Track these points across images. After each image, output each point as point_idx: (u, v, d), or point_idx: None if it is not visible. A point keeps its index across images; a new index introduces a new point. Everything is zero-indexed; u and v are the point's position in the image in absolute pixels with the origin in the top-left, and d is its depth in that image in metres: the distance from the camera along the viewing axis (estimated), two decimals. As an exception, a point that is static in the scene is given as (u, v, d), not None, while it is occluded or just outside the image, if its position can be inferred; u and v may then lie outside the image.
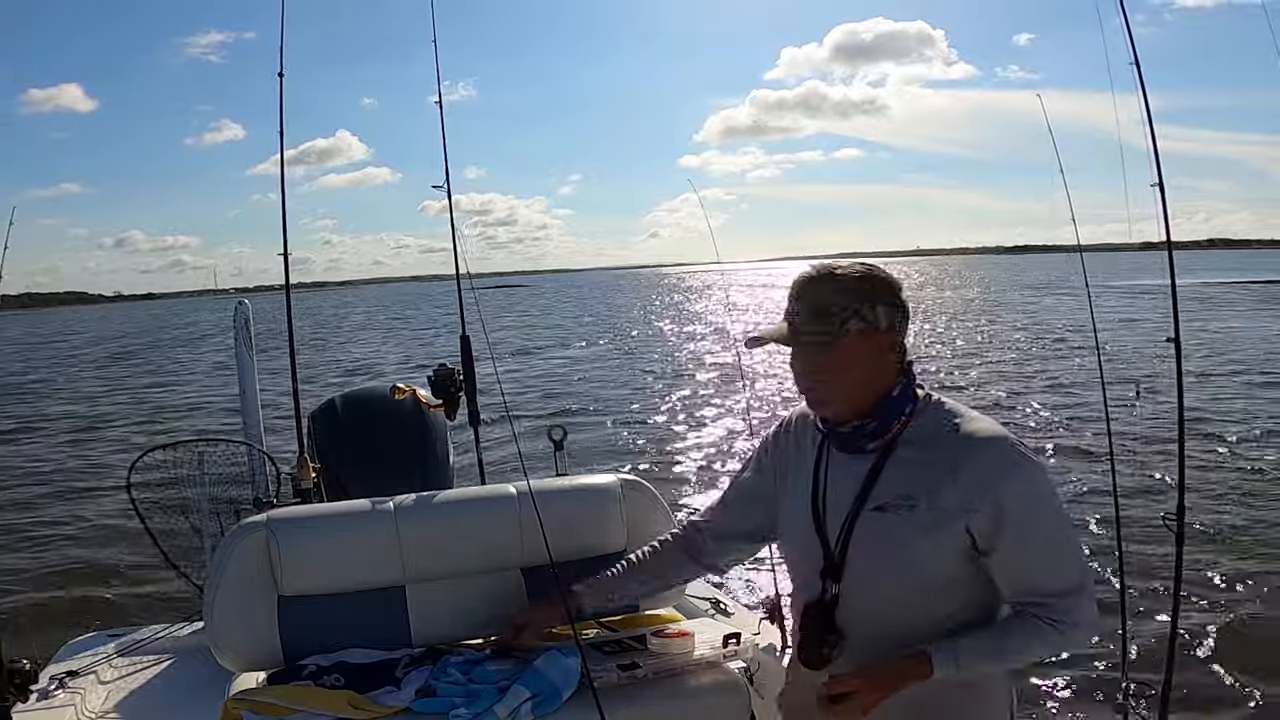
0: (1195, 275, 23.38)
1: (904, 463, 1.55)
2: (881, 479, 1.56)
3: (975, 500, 1.48)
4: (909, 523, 1.51)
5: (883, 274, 1.59)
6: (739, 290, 59.89)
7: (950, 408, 1.59)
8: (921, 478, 1.52)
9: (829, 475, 1.64)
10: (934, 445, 1.54)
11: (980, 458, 1.50)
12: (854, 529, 1.57)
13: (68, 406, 17.24)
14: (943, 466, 1.51)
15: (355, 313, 57.93)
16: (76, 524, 8.26)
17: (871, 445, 1.58)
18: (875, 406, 1.57)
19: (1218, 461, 8.58)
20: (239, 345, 3.74)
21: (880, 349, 1.56)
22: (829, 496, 1.63)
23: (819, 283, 1.57)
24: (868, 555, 1.56)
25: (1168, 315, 2.66)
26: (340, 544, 2.21)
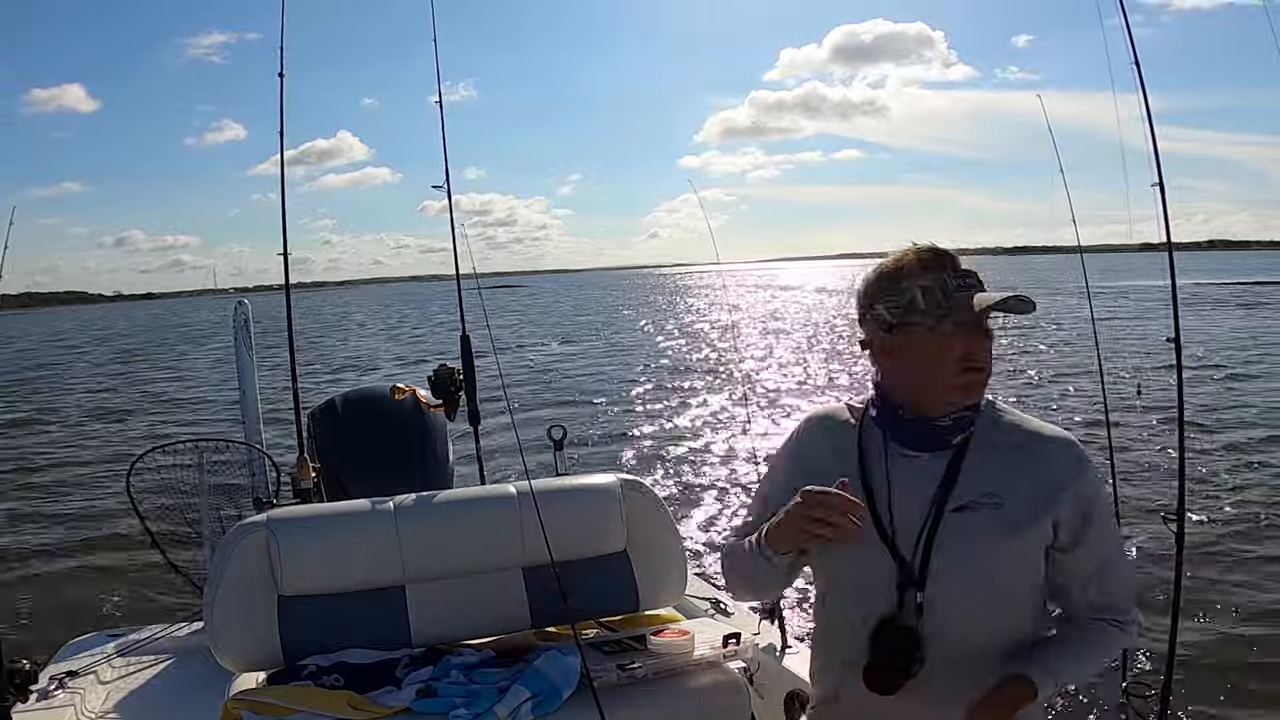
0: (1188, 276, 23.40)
1: (983, 460, 1.46)
2: (964, 476, 1.45)
3: (1059, 495, 1.43)
4: (996, 521, 1.42)
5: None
6: (738, 291, 59.89)
7: (1007, 407, 1.54)
8: (1001, 474, 1.44)
9: (892, 475, 1.49)
10: (1005, 442, 1.47)
11: (1058, 454, 1.46)
12: (936, 531, 1.44)
13: (67, 406, 17.23)
14: (1020, 462, 1.45)
15: (354, 313, 57.87)
16: (76, 524, 8.25)
17: (957, 439, 1.47)
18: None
19: (1218, 461, 8.57)
20: (239, 345, 3.74)
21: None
22: (896, 497, 1.48)
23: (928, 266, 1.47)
24: (954, 559, 1.43)
25: (1158, 315, 2.66)
26: (340, 544, 2.21)
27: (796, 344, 23.12)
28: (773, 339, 24.90)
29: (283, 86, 3.67)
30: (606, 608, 2.36)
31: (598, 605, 2.34)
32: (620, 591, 2.37)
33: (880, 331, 1.47)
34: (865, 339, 1.51)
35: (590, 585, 2.32)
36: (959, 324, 1.41)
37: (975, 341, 1.43)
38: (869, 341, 1.51)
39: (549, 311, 48.83)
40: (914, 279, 1.43)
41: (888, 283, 1.46)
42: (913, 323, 1.42)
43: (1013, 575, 1.45)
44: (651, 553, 2.41)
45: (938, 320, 1.41)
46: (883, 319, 1.45)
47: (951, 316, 1.41)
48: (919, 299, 1.41)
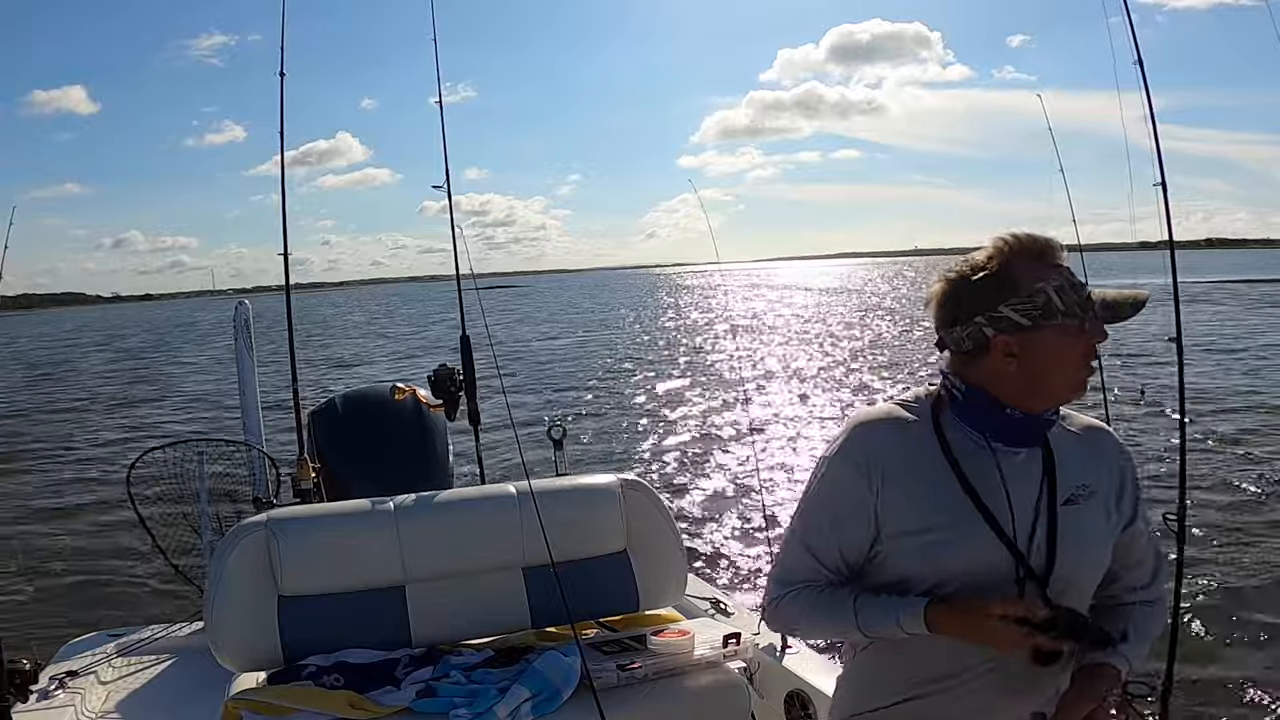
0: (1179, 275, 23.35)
1: (1067, 451, 1.49)
2: (1061, 470, 1.47)
3: (1124, 478, 1.51)
4: (1098, 510, 1.48)
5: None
6: (739, 292, 59.89)
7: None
8: (1084, 465, 1.49)
9: (1004, 471, 1.44)
10: (1069, 434, 1.51)
11: (1107, 441, 1.53)
12: (1056, 526, 1.44)
13: (66, 406, 17.23)
14: (1089, 451, 1.50)
15: (350, 313, 57.86)
16: (76, 524, 8.25)
17: (1044, 434, 1.47)
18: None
19: (1218, 461, 8.57)
20: (239, 345, 3.74)
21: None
22: (1011, 493, 1.43)
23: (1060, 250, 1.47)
24: (1075, 551, 1.44)
25: (1158, 314, 2.66)
26: (340, 544, 2.21)
27: (797, 344, 23.12)
28: (773, 339, 24.91)
29: (283, 86, 3.68)
30: (606, 608, 2.36)
31: (598, 605, 2.34)
32: (620, 591, 2.37)
33: (1003, 333, 1.38)
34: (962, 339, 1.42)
35: (590, 585, 2.31)
36: (1094, 322, 1.39)
37: (1099, 339, 1.41)
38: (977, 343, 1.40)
39: (548, 311, 48.83)
40: (1044, 278, 1.37)
41: (1010, 283, 1.38)
42: (1051, 323, 1.37)
43: (1107, 559, 1.51)
44: (651, 553, 2.41)
45: (1080, 320, 1.38)
46: (1011, 320, 1.37)
47: (1089, 315, 1.39)
48: (1056, 299, 1.37)
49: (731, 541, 6.96)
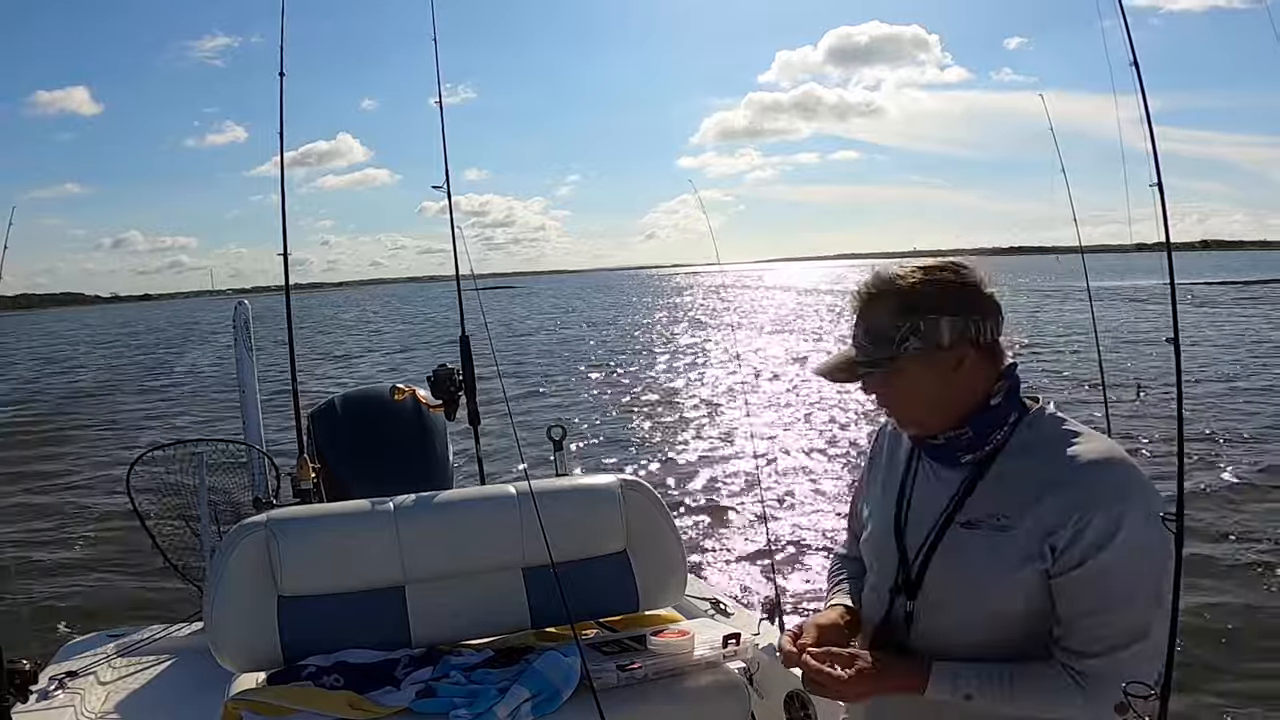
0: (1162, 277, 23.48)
1: (1003, 477, 1.41)
2: (976, 493, 1.42)
3: (1066, 519, 1.32)
4: (999, 542, 1.37)
5: (951, 276, 1.41)
6: (739, 292, 59.92)
7: (1064, 422, 1.43)
8: (1020, 495, 1.37)
9: (916, 484, 1.51)
10: (1040, 461, 1.38)
11: (1088, 478, 1.33)
12: (938, 544, 1.43)
13: (65, 406, 17.23)
14: (1045, 484, 1.35)
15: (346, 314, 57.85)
16: (76, 524, 8.25)
17: (967, 458, 1.43)
18: (968, 418, 1.42)
19: (1218, 461, 8.58)
20: (239, 345, 3.74)
21: (947, 367, 1.40)
22: (913, 508, 1.50)
23: (878, 298, 1.42)
24: (948, 573, 1.42)
25: (1156, 314, 2.66)
26: (340, 544, 2.21)
27: (796, 344, 23.13)
28: (773, 339, 24.91)
29: (282, 86, 3.67)
30: (606, 608, 2.36)
31: (597, 605, 2.34)
32: (620, 592, 2.37)
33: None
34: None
35: (590, 585, 2.32)
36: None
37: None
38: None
39: (546, 311, 48.83)
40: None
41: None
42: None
43: (1007, 596, 1.38)
44: (651, 553, 2.41)
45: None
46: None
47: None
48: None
49: (731, 541, 6.96)
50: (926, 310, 1.39)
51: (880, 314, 1.41)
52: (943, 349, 1.39)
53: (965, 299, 1.40)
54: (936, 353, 1.39)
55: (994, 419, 1.42)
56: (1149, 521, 1.32)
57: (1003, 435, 1.42)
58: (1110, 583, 1.32)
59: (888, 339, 1.40)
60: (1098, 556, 1.31)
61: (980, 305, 1.41)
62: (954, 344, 1.39)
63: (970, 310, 1.40)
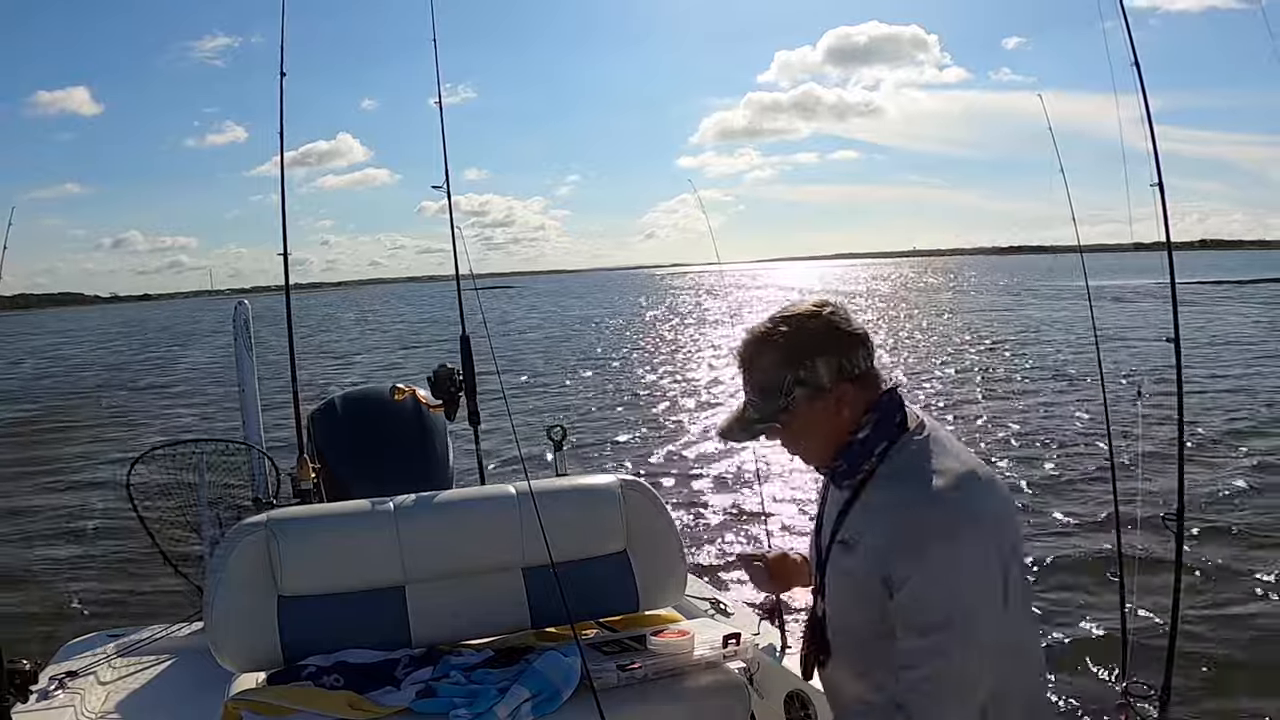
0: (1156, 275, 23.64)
1: (866, 504, 1.53)
2: (849, 514, 1.55)
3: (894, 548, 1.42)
4: (850, 560, 1.52)
5: (813, 320, 1.51)
6: (739, 292, 59.93)
7: (921, 449, 1.50)
8: (868, 519, 1.50)
9: (827, 500, 1.66)
10: (889, 490, 1.49)
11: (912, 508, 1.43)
12: (829, 555, 1.59)
13: (65, 406, 17.22)
14: (884, 511, 1.47)
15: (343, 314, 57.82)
16: (76, 524, 8.25)
17: (846, 483, 1.56)
18: (841, 453, 1.54)
19: (1219, 461, 8.58)
20: (238, 345, 3.74)
21: (831, 406, 1.51)
22: (824, 519, 1.66)
23: (758, 354, 1.54)
24: (833, 583, 1.59)
25: (1155, 313, 2.66)
26: (340, 544, 2.21)
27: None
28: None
29: (282, 85, 3.67)
30: (606, 608, 2.36)
31: (598, 605, 2.34)
32: (620, 592, 2.37)
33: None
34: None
35: (590, 585, 2.32)
36: None
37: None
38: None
39: (545, 311, 48.80)
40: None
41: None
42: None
43: (862, 614, 1.50)
44: (651, 553, 2.41)
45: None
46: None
47: None
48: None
49: (731, 541, 6.96)
50: (800, 356, 1.49)
51: (764, 368, 1.52)
52: (825, 390, 1.50)
53: (832, 339, 1.51)
54: (820, 395, 1.50)
55: (861, 451, 1.52)
56: (933, 559, 1.38)
57: (871, 465, 1.52)
58: (912, 610, 1.40)
59: (776, 391, 1.51)
60: (905, 586, 1.40)
61: (846, 341, 1.52)
62: (834, 383, 1.50)
63: (839, 348, 1.51)
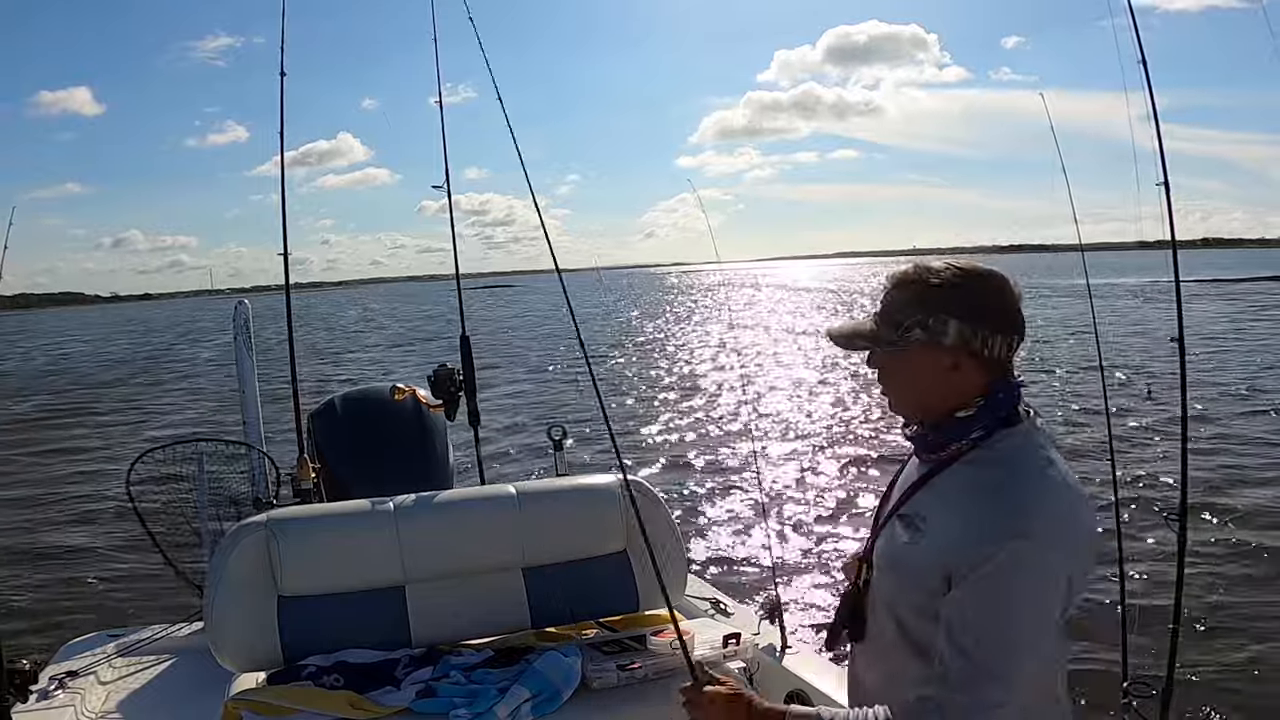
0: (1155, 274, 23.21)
1: (942, 486, 1.45)
2: (921, 491, 1.48)
3: (964, 544, 1.34)
4: (911, 540, 1.44)
5: (978, 283, 1.44)
6: (740, 292, 59.96)
7: (1022, 448, 1.42)
8: (944, 504, 1.42)
9: (905, 469, 1.59)
10: (977, 480, 1.40)
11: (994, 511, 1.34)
12: (885, 525, 1.54)
13: (65, 407, 17.23)
14: (967, 502, 1.38)
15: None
16: (77, 524, 8.25)
17: (928, 456, 1.49)
18: (941, 421, 1.45)
19: (1220, 461, 8.58)
20: (238, 345, 3.74)
21: (942, 366, 1.43)
22: (895, 487, 1.59)
23: (903, 285, 1.47)
24: (881, 556, 1.53)
25: (1157, 313, 2.65)
26: (340, 544, 2.20)
27: (796, 344, 23.13)
28: (773, 339, 24.91)
29: (283, 85, 3.66)
30: (606, 608, 2.36)
31: (598, 605, 2.34)
32: (620, 591, 2.37)
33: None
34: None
35: (590, 585, 2.31)
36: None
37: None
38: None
39: (545, 311, 48.81)
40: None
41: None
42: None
43: (909, 596, 1.43)
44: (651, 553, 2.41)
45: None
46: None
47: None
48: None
49: (731, 541, 6.96)
50: (940, 309, 1.42)
51: (899, 300, 1.47)
52: (942, 347, 1.43)
53: (984, 309, 1.42)
54: (935, 350, 1.43)
55: (956, 431, 1.44)
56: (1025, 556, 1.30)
57: (960, 447, 1.45)
58: (969, 619, 1.32)
59: (895, 323, 1.46)
60: (966, 585, 1.32)
61: (997, 320, 1.42)
62: (954, 347, 1.42)
63: (984, 321, 1.42)
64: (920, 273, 1.46)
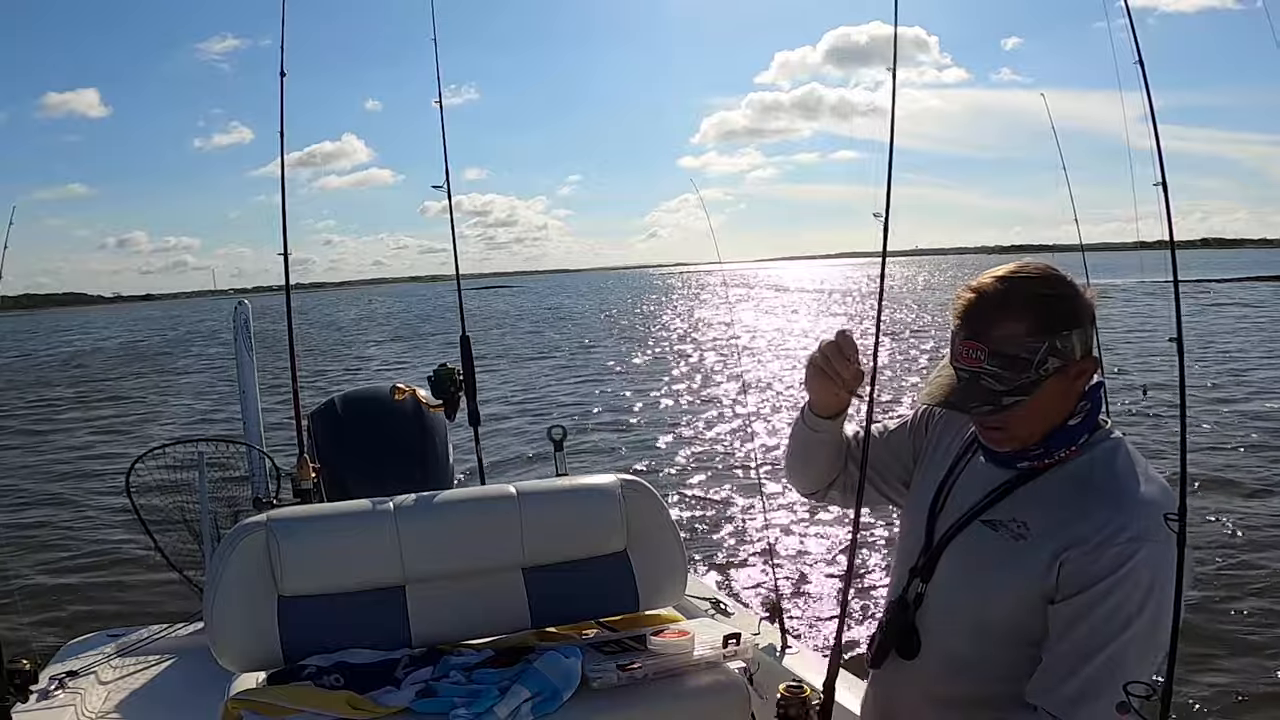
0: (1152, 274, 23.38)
1: (1041, 490, 1.36)
2: (1011, 497, 1.38)
3: (1082, 549, 1.27)
4: (1012, 549, 1.34)
5: (1066, 287, 1.32)
6: (737, 291, 59.94)
7: (1126, 453, 1.37)
8: (1049, 510, 1.33)
9: (962, 473, 1.48)
10: (1082, 484, 1.33)
11: (1115, 514, 1.28)
12: (959, 534, 1.42)
13: (65, 407, 17.24)
14: (1077, 507, 1.30)
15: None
16: (77, 524, 8.26)
17: (1022, 464, 1.38)
18: (1048, 436, 1.36)
19: (1220, 461, 8.57)
20: (239, 345, 3.74)
21: (1070, 383, 1.32)
22: (952, 494, 1.48)
23: (1006, 313, 1.29)
24: (959, 566, 1.42)
25: (1155, 312, 2.65)
26: (340, 544, 2.20)
27: (796, 344, 23.12)
28: (771, 339, 24.90)
29: (283, 85, 3.67)
30: (606, 608, 2.36)
31: (598, 605, 2.34)
32: (620, 591, 2.37)
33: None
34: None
35: (590, 585, 2.31)
36: None
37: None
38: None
39: (545, 311, 48.82)
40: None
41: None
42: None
43: (1001, 609, 1.35)
44: (651, 553, 2.41)
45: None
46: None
47: None
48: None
49: (732, 541, 6.96)
50: (1060, 324, 1.29)
51: (1014, 333, 1.29)
52: (1075, 362, 1.31)
53: (1083, 307, 1.33)
54: (1070, 366, 1.31)
55: (1068, 437, 1.35)
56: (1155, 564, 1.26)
57: (1067, 454, 1.36)
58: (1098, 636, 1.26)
59: (1026, 361, 1.28)
60: (1095, 604, 1.26)
61: (1090, 313, 1.33)
62: (1084, 356, 1.32)
63: (1086, 320, 1.32)
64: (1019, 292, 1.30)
